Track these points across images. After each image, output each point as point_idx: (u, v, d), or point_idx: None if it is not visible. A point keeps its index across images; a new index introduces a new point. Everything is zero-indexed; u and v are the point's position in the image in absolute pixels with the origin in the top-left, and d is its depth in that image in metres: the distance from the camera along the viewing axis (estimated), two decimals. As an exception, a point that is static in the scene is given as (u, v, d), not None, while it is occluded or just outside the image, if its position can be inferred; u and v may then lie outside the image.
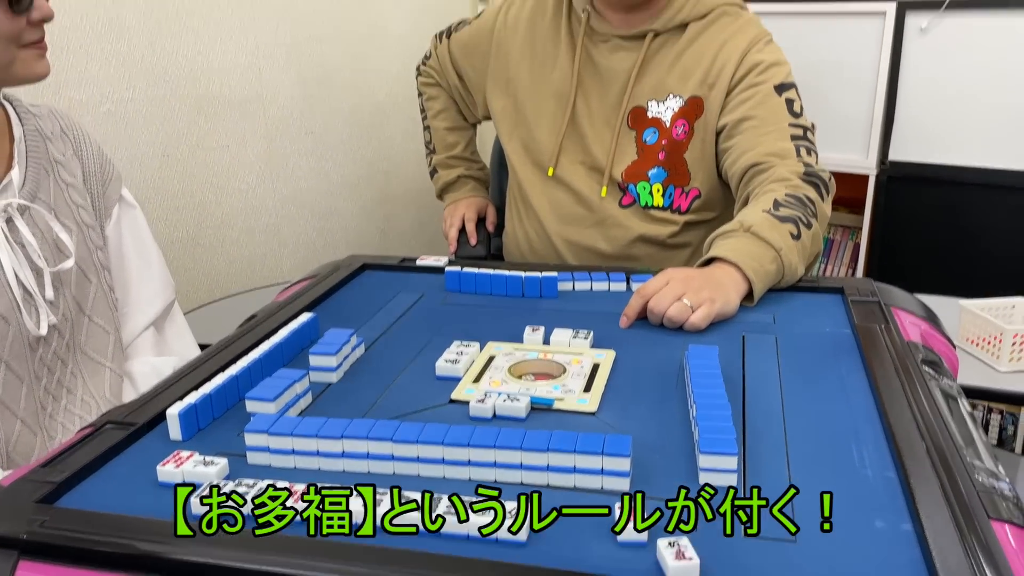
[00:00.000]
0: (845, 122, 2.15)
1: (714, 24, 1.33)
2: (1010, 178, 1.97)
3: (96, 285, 1.02)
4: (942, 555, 0.55)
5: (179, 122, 1.77)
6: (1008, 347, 1.23)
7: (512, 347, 0.92)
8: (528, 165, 1.45)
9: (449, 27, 1.61)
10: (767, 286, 1.05)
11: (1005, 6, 1.92)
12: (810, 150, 1.24)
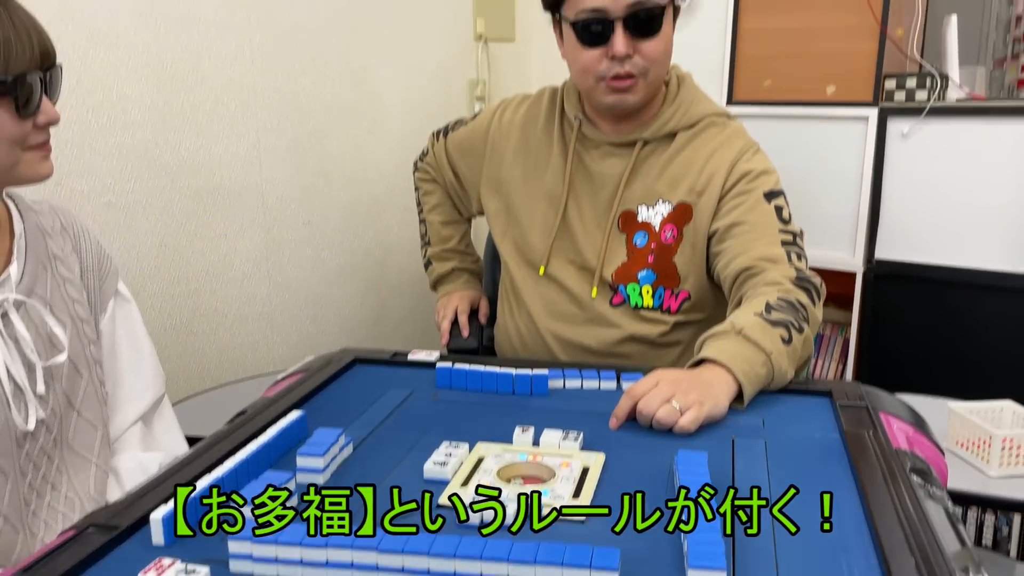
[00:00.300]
0: (832, 221, 2.19)
1: (702, 134, 1.38)
2: (992, 278, 2.00)
3: (87, 379, 1.02)
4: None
5: (178, 212, 1.80)
6: (998, 452, 1.23)
7: (501, 448, 0.92)
8: (521, 263, 1.48)
9: (446, 126, 1.66)
10: (757, 389, 1.05)
11: (982, 114, 1.99)
12: (800, 255, 1.27)
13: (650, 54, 1.29)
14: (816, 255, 2.13)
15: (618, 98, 1.32)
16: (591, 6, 1.27)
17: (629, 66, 1.29)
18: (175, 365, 1.84)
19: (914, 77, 2.06)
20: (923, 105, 2.03)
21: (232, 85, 1.85)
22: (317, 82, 2.02)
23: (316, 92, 2.02)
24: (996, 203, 1.98)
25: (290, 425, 0.93)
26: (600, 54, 1.29)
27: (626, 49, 1.27)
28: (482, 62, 2.40)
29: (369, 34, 2.11)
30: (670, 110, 1.39)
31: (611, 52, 1.28)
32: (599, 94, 1.34)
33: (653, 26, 1.28)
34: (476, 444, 0.93)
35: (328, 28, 2.02)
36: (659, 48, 1.30)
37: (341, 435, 0.89)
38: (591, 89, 1.34)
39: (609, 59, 1.29)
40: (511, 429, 0.95)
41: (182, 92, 1.77)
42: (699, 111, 1.39)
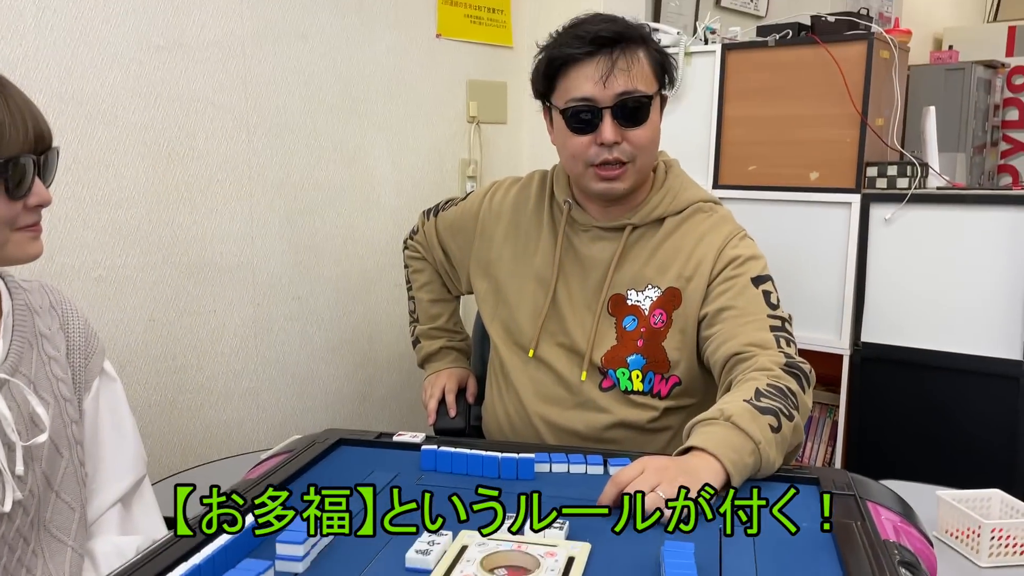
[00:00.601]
0: (819, 303, 2.21)
1: (689, 219, 1.40)
2: (976, 363, 2.01)
3: (67, 460, 1.01)
4: None
5: (168, 287, 1.81)
6: (987, 541, 1.22)
7: (485, 536, 0.91)
8: (510, 345, 1.48)
9: (437, 205, 1.69)
10: (744, 478, 1.05)
11: (961, 201, 2.04)
12: (789, 341, 1.27)
13: (638, 142, 1.32)
14: (803, 336, 2.14)
15: (607, 185, 1.35)
16: (580, 95, 1.31)
17: (617, 153, 1.32)
18: (159, 442, 1.82)
19: (895, 165, 2.11)
20: (904, 192, 2.07)
21: (227, 163, 1.89)
22: (311, 162, 2.05)
23: (310, 171, 2.05)
24: (978, 289, 2.01)
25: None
26: (589, 141, 1.32)
27: (614, 137, 1.30)
28: (474, 143, 2.45)
29: (364, 115, 2.16)
30: (658, 196, 1.41)
31: (599, 139, 1.31)
32: (588, 180, 1.36)
33: (641, 115, 1.32)
34: (460, 532, 0.91)
35: (323, 109, 2.06)
36: (646, 136, 1.33)
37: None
38: (580, 175, 1.37)
39: (598, 145, 1.32)
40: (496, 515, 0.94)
41: (178, 169, 1.80)
42: (686, 197, 1.42)
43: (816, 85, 2.17)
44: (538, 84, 1.38)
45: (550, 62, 1.34)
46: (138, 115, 1.72)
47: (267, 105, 1.95)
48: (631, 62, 1.30)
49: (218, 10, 1.83)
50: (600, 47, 1.29)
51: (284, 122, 1.99)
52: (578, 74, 1.31)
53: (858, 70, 2.10)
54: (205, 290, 1.88)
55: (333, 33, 2.06)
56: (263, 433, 2.03)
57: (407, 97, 2.26)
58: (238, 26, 1.87)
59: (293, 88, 2.00)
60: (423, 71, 2.30)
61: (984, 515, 1.29)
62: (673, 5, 3.03)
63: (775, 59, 2.23)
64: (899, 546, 0.92)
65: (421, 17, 2.28)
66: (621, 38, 1.30)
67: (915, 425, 2.14)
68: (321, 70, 2.05)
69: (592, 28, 1.30)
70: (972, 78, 3.63)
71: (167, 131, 1.77)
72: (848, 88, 2.10)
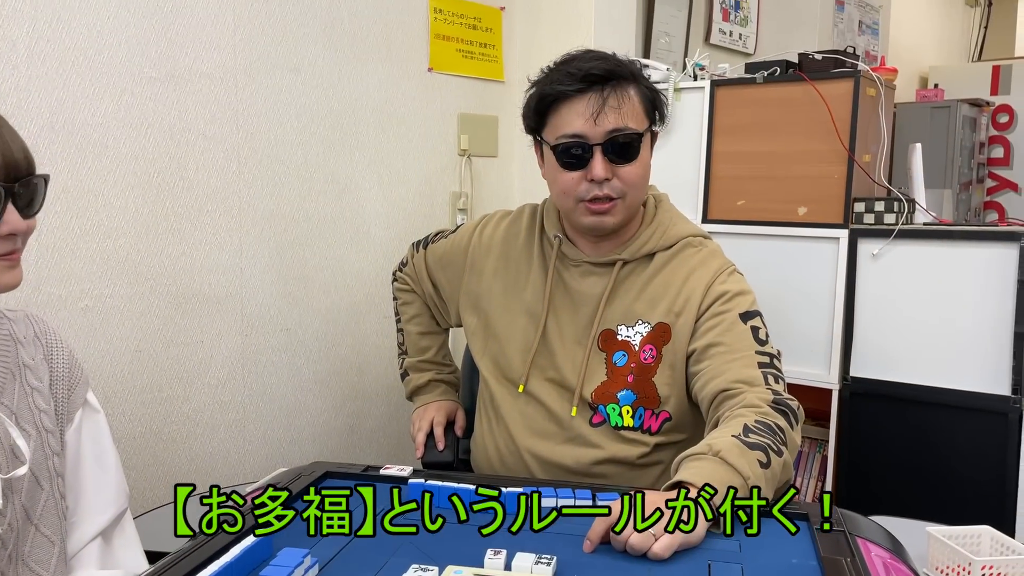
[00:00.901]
0: (807, 337, 2.22)
1: (679, 255, 1.40)
2: (964, 399, 2.02)
3: (48, 492, 0.99)
4: None
5: (155, 318, 1.80)
6: (978, 579, 1.21)
7: (472, 572, 0.89)
8: (500, 379, 1.47)
9: (427, 237, 1.69)
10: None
11: (948, 237, 2.05)
12: (777, 378, 1.27)
13: (628, 178, 1.33)
14: (792, 371, 2.14)
15: (597, 220, 1.36)
16: (571, 132, 1.31)
17: (608, 189, 1.32)
18: (144, 474, 1.79)
19: (882, 201, 2.13)
20: (892, 228, 2.09)
21: (217, 195, 1.89)
22: (301, 194, 2.06)
23: (300, 203, 2.06)
24: (966, 324, 2.02)
25: (253, 545, 0.90)
26: (579, 176, 1.33)
27: (604, 173, 1.31)
28: (465, 176, 2.46)
29: (355, 148, 2.17)
30: (648, 231, 1.42)
31: (590, 176, 1.31)
32: (578, 215, 1.37)
33: (631, 151, 1.32)
34: (446, 567, 0.90)
35: (314, 142, 2.07)
36: (637, 173, 1.34)
37: (307, 556, 0.87)
38: (571, 210, 1.38)
39: (588, 182, 1.32)
40: (483, 551, 0.93)
41: (167, 200, 1.80)
42: (676, 232, 1.42)
43: (804, 122, 2.19)
44: (529, 119, 1.39)
45: (541, 98, 1.35)
46: (129, 145, 1.73)
47: (258, 137, 1.96)
48: (622, 99, 1.31)
49: (211, 42, 1.84)
50: (591, 84, 1.30)
51: (275, 154, 1.99)
52: (569, 111, 1.31)
53: (845, 107, 2.13)
54: (193, 321, 1.87)
55: (325, 66, 2.08)
56: (249, 465, 2.01)
57: (398, 130, 2.28)
58: (231, 58, 1.88)
59: (285, 120, 2.01)
60: (415, 104, 2.31)
61: (974, 552, 1.29)
62: (663, 42, 3.08)
63: (763, 96, 2.26)
64: (889, 583, 0.91)
65: (413, 51, 2.30)
66: (612, 75, 1.31)
67: (904, 460, 2.13)
68: (313, 103, 2.06)
69: (584, 65, 1.31)
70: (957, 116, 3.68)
71: (158, 161, 1.78)
72: (835, 125, 2.13)
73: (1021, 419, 1.95)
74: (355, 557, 0.95)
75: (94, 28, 1.66)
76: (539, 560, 0.91)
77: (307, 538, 0.97)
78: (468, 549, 0.95)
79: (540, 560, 0.91)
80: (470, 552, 0.94)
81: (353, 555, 0.95)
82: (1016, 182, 4.15)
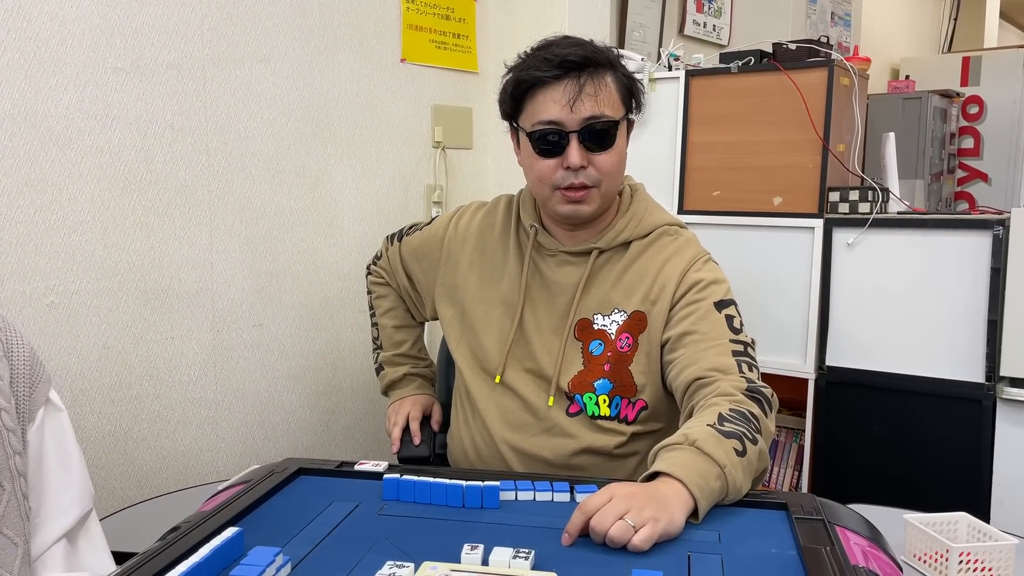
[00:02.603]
0: (783, 327, 2.22)
1: (655, 243, 1.40)
2: (937, 386, 2.03)
3: (10, 493, 0.96)
4: None
5: (124, 314, 1.76)
6: (955, 565, 1.21)
7: (448, 568, 0.88)
8: (476, 371, 1.46)
9: (401, 230, 1.67)
10: (711, 503, 1.03)
11: (922, 226, 2.07)
12: (751, 366, 1.26)
13: (603, 166, 1.32)
14: (768, 361, 2.15)
15: (573, 208, 1.34)
16: (547, 118, 1.30)
17: (583, 177, 1.31)
18: (112, 473, 1.75)
19: (857, 190, 2.14)
20: (866, 217, 2.10)
21: (186, 188, 1.85)
22: (272, 186, 2.02)
23: (271, 196, 2.02)
24: (940, 312, 2.03)
25: (224, 543, 0.88)
26: (555, 164, 1.32)
27: (580, 161, 1.30)
28: (440, 168, 2.44)
29: (327, 140, 2.14)
30: (624, 220, 1.41)
31: (566, 163, 1.30)
32: (554, 203, 1.35)
33: (607, 139, 1.31)
34: (422, 564, 0.88)
35: (285, 134, 2.04)
36: (612, 161, 1.33)
37: (279, 554, 0.85)
38: (547, 198, 1.36)
39: (564, 169, 1.31)
40: (460, 545, 0.91)
41: (134, 194, 1.76)
42: (652, 221, 1.41)
43: (778, 111, 2.20)
44: (505, 105, 1.38)
45: (518, 84, 1.33)
46: (94, 138, 1.68)
47: (228, 129, 1.92)
48: (598, 87, 1.29)
49: (178, 32, 1.80)
50: (568, 71, 1.29)
51: (245, 146, 1.96)
52: (545, 97, 1.30)
53: (819, 96, 2.13)
54: (162, 317, 1.83)
55: (296, 57, 2.05)
56: (222, 463, 1.97)
57: (371, 122, 2.25)
58: (198, 48, 1.85)
59: (254, 112, 1.97)
60: (387, 96, 2.28)
61: (952, 539, 1.29)
62: (637, 34, 3.07)
63: (738, 85, 2.26)
64: (868, 571, 0.91)
65: (385, 41, 2.27)
66: (589, 62, 1.29)
67: (880, 448, 2.14)
68: (283, 94, 2.03)
69: (560, 52, 1.30)
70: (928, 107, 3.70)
71: (124, 154, 1.74)
72: (810, 114, 2.13)
73: (995, 406, 1.97)
74: (328, 555, 0.93)
75: (56, 17, 1.61)
76: (517, 554, 0.90)
77: (278, 536, 0.95)
78: (444, 545, 0.94)
79: (518, 554, 0.90)
80: (446, 547, 0.93)
81: (326, 553, 0.93)
82: (986, 172, 4.20)
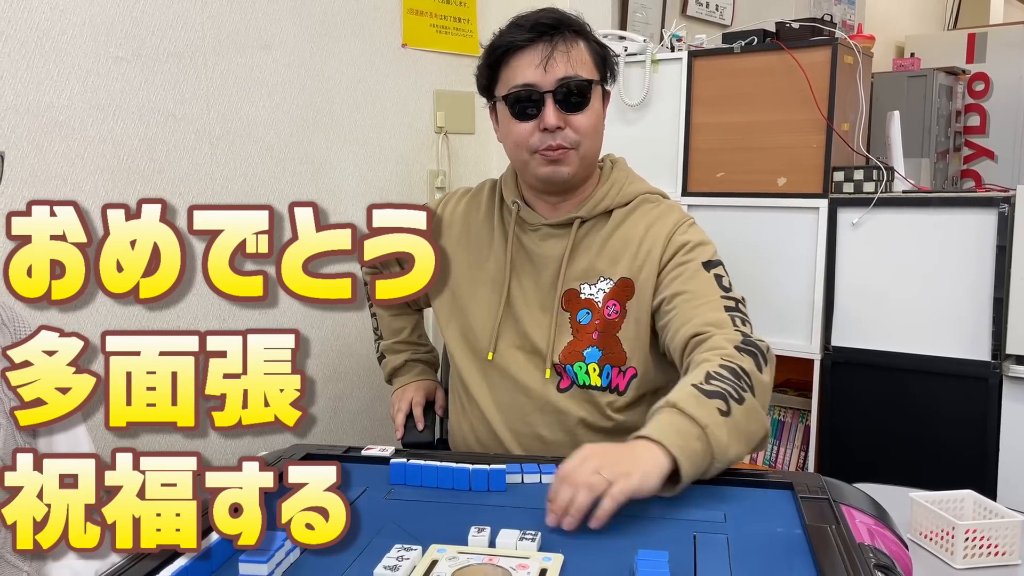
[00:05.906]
0: (788, 308, 2.22)
1: (636, 210, 1.41)
2: (944, 365, 2.03)
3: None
4: None
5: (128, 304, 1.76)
6: (961, 543, 1.22)
7: (456, 550, 0.89)
8: (467, 353, 1.46)
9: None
10: (696, 465, 1.02)
11: (927, 205, 2.06)
12: (744, 320, 1.26)
13: (580, 127, 1.33)
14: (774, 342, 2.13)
15: (552, 169, 1.35)
16: (522, 81, 1.32)
17: (560, 138, 1.33)
18: (121, 462, 1.77)
19: (861, 170, 2.13)
20: (871, 196, 2.09)
21: (189, 176, 1.85)
22: (276, 174, 2.02)
23: (274, 184, 2.02)
24: (946, 291, 2.03)
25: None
26: (532, 127, 1.33)
27: (556, 121, 1.31)
28: (442, 153, 2.43)
29: (329, 127, 2.13)
30: (604, 189, 1.42)
31: (542, 125, 1.32)
32: (534, 166, 1.36)
33: (582, 100, 1.33)
34: (430, 546, 0.89)
35: (288, 121, 2.04)
36: (589, 122, 1.34)
37: (287, 539, 0.86)
38: (526, 163, 1.37)
39: (541, 131, 1.33)
40: (467, 527, 0.92)
41: (137, 183, 1.76)
42: (632, 190, 1.42)
43: (782, 91, 2.18)
44: (482, 78, 1.40)
45: (492, 50, 1.36)
46: (96, 128, 1.69)
47: (230, 117, 1.92)
48: (571, 47, 1.33)
49: (178, 20, 1.80)
50: (540, 34, 1.32)
51: (248, 134, 1.96)
52: (519, 62, 1.33)
53: (823, 75, 2.12)
54: (167, 305, 1.83)
55: (297, 44, 2.04)
56: (231, 449, 1.99)
57: (373, 108, 2.24)
58: (199, 36, 1.84)
59: (256, 99, 1.97)
60: (389, 81, 2.28)
61: (957, 516, 1.29)
62: (640, 15, 3.05)
63: (741, 65, 2.25)
64: (874, 549, 0.91)
65: (386, 27, 2.26)
66: (561, 24, 1.33)
67: (886, 427, 2.14)
68: (285, 81, 2.02)
69: (532, 16, 1.34)
70: (934, 85, 3.68)
71: (126, 143, 1.74)
72: (814, 93, 2.12)
73: (1001, 384, 1.96)
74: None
75: (57, 7, 1.61)
76: (523, 536, 0.90)
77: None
78: (451, 527, 0.94)
79: (525, 536, 0.90)
80: (453, 530, 0.93)
81: (335, 536, 0.94)
82: (992, 150, 4.17)
